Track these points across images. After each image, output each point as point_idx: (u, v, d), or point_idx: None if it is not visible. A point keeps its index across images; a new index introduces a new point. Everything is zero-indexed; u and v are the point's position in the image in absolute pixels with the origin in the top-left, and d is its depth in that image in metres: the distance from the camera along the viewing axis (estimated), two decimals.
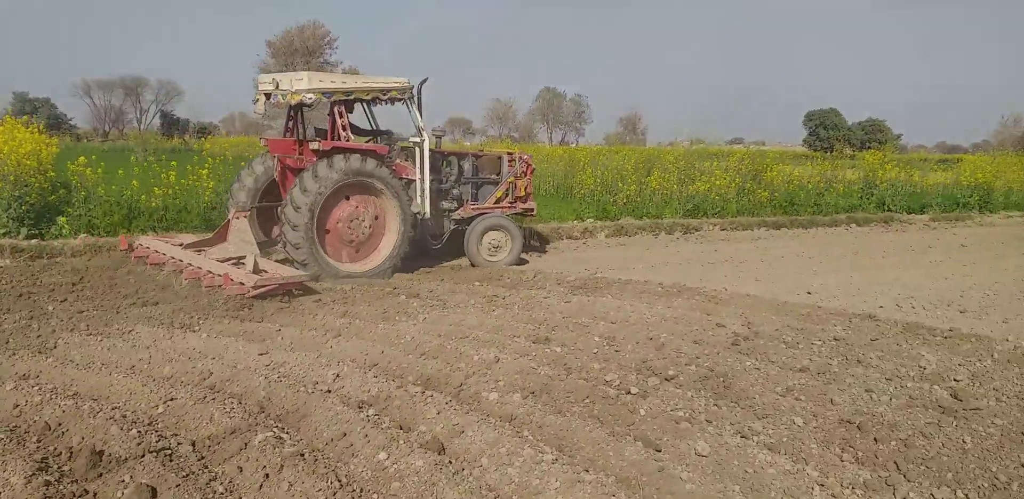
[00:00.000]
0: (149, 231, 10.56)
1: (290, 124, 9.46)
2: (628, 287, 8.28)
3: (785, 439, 4.06)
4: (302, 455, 3.59)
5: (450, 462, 3.61)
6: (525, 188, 10.66)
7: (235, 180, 9.59)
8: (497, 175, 10.62)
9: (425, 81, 9.34)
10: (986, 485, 3.60)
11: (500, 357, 5.22)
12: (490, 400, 4.46)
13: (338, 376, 4.80)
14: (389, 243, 8.79)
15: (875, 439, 4.06)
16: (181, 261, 8.10)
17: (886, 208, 18.42)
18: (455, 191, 10.15)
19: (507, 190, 10.50)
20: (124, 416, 4.06)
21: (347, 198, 8.51)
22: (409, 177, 9.19)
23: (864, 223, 16.72)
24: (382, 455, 3.61)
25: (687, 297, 7.71)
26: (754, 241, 14.24)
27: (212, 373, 4.89)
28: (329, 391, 4.58)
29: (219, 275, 7.37)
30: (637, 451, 3.75)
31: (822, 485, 3.54)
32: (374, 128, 9.95)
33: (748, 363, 5.35)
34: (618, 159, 18.57)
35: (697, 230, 14.62)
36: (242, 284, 7.09)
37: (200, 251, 8.48)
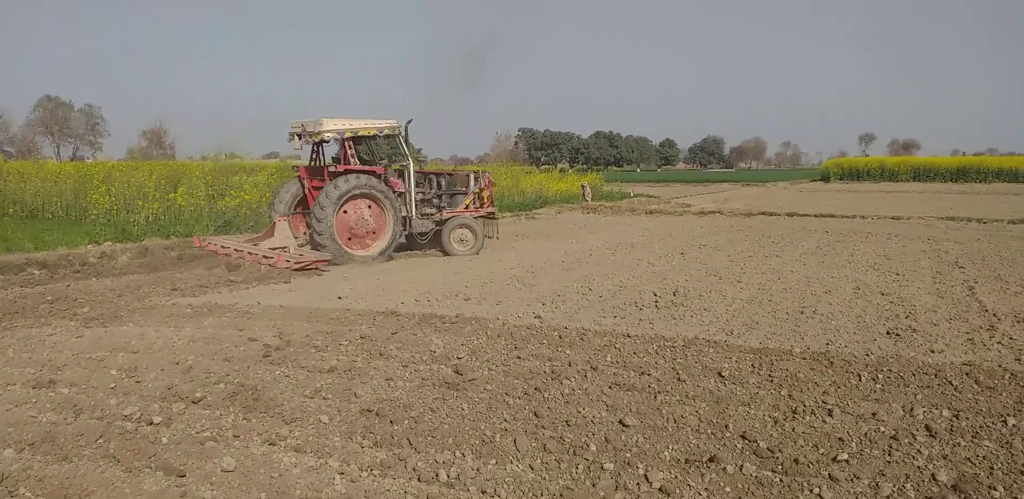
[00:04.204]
0: None
1: (314, 156, 13.17)
2: (153, 312, 7.74)
3: (311, 438, 4.26)
4: None
5: None
6: (488, 197, 14.31)
7: (275, 196, 13.06)
8: (466, 188, 14.14)
9: (410, 121, 13.21)
10: (477, 442, 4.28)
11: None
12: None
13: None
14: (386, 236, 12.47)
15: (391, 421, 4.51)
16: (241, 251, 11.82)
17: None
18: (435, 200, 13.81)
19: (473, 199, 14.02)
20: None
21: (356, 203, 12.09)
22: (400, 190, 12.68)
23: None
24: None
25: (218, 315, 7.51)
26: None
27: None
28: None
29: (272, 258, 11.07)
30: (158, 481, 3.58)
31: (342, 473, 3.81)
32: (364, 157, 13.40)
33: (279, 372, 5.47)
34: (139, 175, 17.15)
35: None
36: (288, 262, 10.89)
37: (255, 244, 12.15)
